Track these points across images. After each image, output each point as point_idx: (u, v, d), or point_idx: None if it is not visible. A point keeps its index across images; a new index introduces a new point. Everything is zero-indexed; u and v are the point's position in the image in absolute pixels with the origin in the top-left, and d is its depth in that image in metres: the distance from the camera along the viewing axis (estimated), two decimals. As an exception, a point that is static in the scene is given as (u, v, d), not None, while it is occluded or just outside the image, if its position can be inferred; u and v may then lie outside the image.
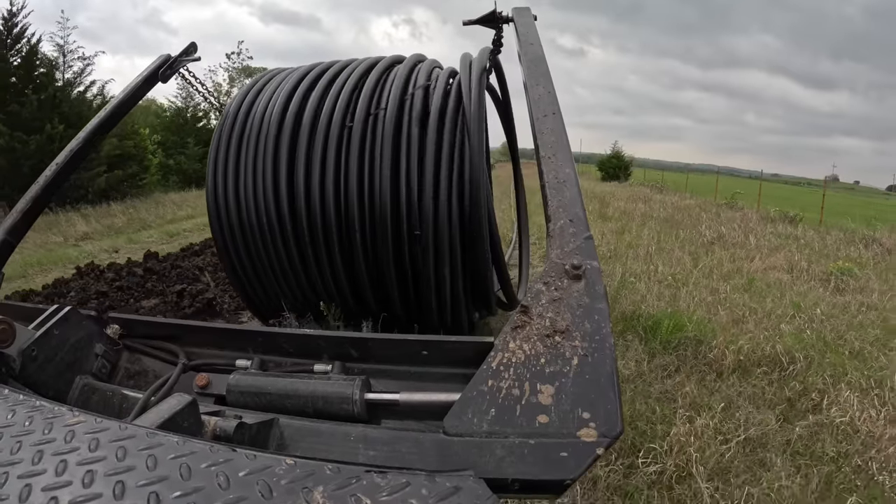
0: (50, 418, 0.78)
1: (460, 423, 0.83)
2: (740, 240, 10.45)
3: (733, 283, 6.84)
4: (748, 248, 9.55)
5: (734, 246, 9.79)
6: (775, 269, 8.01)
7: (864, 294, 6.69)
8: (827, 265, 8.22)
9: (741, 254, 8.99)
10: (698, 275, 7.00)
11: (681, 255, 8.38)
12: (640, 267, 7.38)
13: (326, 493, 0.61)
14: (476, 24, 2.83)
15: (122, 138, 17.38)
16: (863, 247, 10.47)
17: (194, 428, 0.91)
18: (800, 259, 8.61)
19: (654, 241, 9.52)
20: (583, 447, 0.77)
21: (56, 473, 0.64)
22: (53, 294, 6.09)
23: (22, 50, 14.75)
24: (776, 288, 6.80)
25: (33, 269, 7.98)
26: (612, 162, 38.84)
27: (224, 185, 3.21)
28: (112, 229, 11.90)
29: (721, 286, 6.51)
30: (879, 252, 10.03)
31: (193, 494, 0.60)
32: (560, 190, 1.30)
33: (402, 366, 1.31)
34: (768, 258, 8.66)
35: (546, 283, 1.03)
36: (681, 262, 7.87)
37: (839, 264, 8.18)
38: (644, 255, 8.27)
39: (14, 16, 14.73)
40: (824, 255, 9.41)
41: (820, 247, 10.38)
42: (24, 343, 1.28)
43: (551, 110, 1.60)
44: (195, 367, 1.47)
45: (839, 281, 7.28)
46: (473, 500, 0.65)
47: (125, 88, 2.68)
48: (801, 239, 11.22)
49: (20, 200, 2.12)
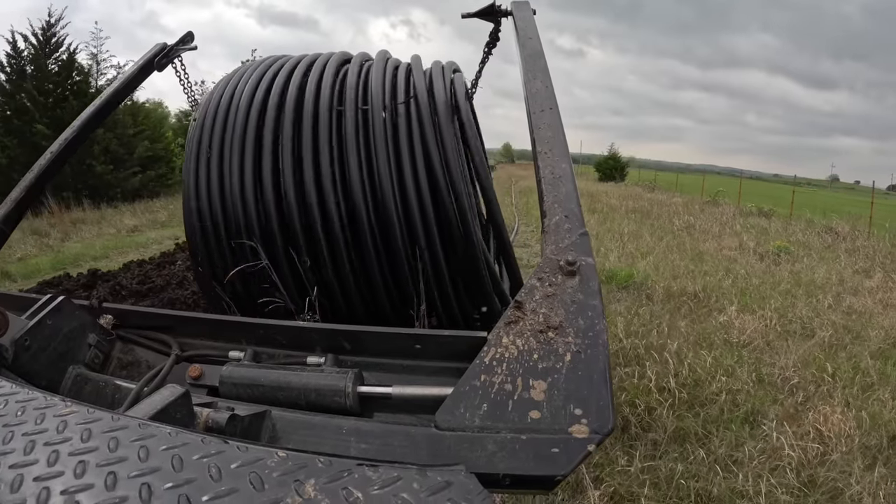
0: (42, 408, 0.78)
1: (452, 418, 0.83)
2: (708, 228, 12.67)
3: (685, 256, 8.97)
4: (712, 234, 11.80)
5: (700, 233, 12.06)
6: (728, 248, 10.12)
7: (794, 265, 8.82)
8: (769, 245, 10.45)
9: (703, 238, 11.22)
10: (658, 251, 9.14)
11: (650, 238, 10.64)
12: (614, 245, 9.54)
13: (318, 486, 0.62)
14: (474, 16, 2.81)
15: (154, 141, 18.62)
16: (816, 234, 12.70)
17: (187, 419, 0.91)
18: (748, 240, 10.86)
19: (628, 228, 11.84)
20: (574, 443, 0.77)
21: (48, 463, 0.64)
22: (164, 262, 7.47)
23: (60, 58, 15.90)
24: (719, 260, 8.93)
25: (113, 252, 9.51)
26: (609, 163, 41.02)
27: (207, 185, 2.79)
28: (157, 223, 13.22)
29: (673, 257, 8.71)
30: (831, 238, 12.19)
31: (185, 486, 0.61)
32: (556, 186, 1.30)
33: (395, 359, 1.31)
34: (724, 241, 10.83)
35: (540, 278, 1.04)
36: (648, 243, 10.12)
37: (779, 243, 10.43)
38: (618, 237, 10.52)
39: (52, 26, 15.86)
40: (776, 239, 11.33)
41: (776, 233, 12.52)
42: (17, 332, 1.27)
43: (548, 105, 1.59)
44: (188, 358, 1.47)
45: (776, 256, 9.48)
46: (464, 494, 0.65)
47: (121, 77, 2.66)
48: (768, 228, 13.48)
49: (14, 189, 2.10)
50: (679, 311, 5.81)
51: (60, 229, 11.38)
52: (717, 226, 13.13)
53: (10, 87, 15.23)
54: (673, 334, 4.93)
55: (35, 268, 8.11)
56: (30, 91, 15.03)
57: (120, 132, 16.85)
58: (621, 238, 10.39)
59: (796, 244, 10.92)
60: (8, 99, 15.15)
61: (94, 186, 15.29)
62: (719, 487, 2.83)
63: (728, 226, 13.29)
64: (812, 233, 12.84)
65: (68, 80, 15.96)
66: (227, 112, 2.76)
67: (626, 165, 42.35)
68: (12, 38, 15.22)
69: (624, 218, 13.77)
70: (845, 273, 8.32)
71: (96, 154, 15.58)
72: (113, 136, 16.36)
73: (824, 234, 12.79)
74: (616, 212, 15.38)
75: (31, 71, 15.44)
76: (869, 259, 9.62)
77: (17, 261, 8.57)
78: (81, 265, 8.09)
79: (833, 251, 10.40)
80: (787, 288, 7.07)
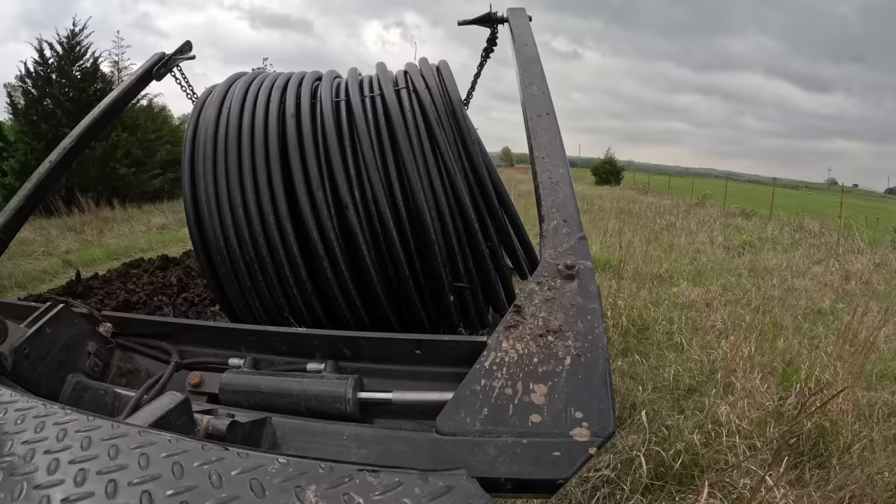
0: (42, 416, 0.78)
1: (453, 423, 0.83)
2: (686, 227, 13.75)
3: (659, 248, 10.01)
4: (688, 231, 12.96)
5: (679, 230, 13.11)
6: (700, 242, 11.27)
7: (755, 255, 9.96)
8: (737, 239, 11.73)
9: (680, 234, 12.39)
10: (636, 243, 9.88)
11: (630, 234, 11.37)
12: (597, 239, 10.42)
13: (319, 492, 0.62)
14: (471, 24, 2.83)
15: (175, 144, 19.12)
16: (788, 231, 13.81)
17: (187, 426, 0.90)
18: (717, 235, 12.17)
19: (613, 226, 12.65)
20: (575, 447, 0.77)
21: (48, 472, 0.64)
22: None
23: (84, 66, 16.55)
24: (688, 251, 10.05)
25: (157, 245, 9.88)
26: (606, 167, 42.92)
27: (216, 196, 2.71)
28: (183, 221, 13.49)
29: (647, 248, 9.53)
30: (800, 235, 13.40)
31: (186, 493, 0.60)
32: (554, 190, 1.30)
33: (395, 365, 1.31)
34: (698, 237, 12.00)
35: (539, 282, 1.04)
36: (628, 237, 10.73)
37: (744, 238, 11.75)
38: (603, 233, 11.35)
39: (76, 35, 16.47)
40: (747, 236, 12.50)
41: (750, 231, 13.43)
42: (16, 341, 1.27)
43: (545, 110, 1.60)
44: (188, 366, 1.46)
45: (741, 249, 10.67)
46: (466, 499, 0.65)
47: (119, 87, 2.66)
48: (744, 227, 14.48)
49: (13, 198, 2.10)
50: (644, 286, 6.79)
51: (94, 227, 11.92)
52: (696, 224, 14.33)
53: (37, 93, 15.85)
54: (633, 300, 5.99)
55: (90, 258, 8.76)
56: (56, 97, 15.61)
57: (141, 136, 17.65)
58: (605, 234, 11.41)
59: (766, 240, 12.05)
60: (35, 104, 15.76)
61: (117, 188, 15.88)
62: (648, 375, 4.15)
63: (706, 224, 14.40)
64: (785, 230, 13.90)
65: (92, 87, 16.49)
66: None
67: (621, 169, 44.23)
68: (39, 47, 15.85)
69: (612, 218, 14.77)
70: (799, 261, 9.38)
71: (119, 157, 16.28)
72: (135, 139, 17.14)
73: (795, 231, 13.95)
74: (606, 213, 16.45)
75: (56, 78, 16.08)
76: (827, 251, 10.73)
77: (64, 253, 9.12)
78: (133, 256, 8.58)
79: (797, 245, 11.62)
80: (740, 271, 8.37)
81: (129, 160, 16.71)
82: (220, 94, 2.32)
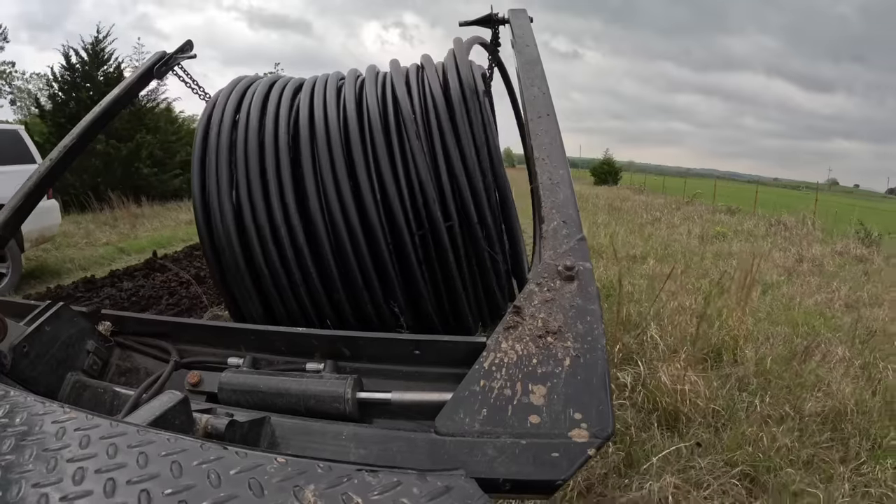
0: (41, 415, 0.78)
1: (452, 423, 0.83)
2: (670, 221, 14.74)
3: (640, 237, 11.03)
4: (671, 225, 13.91)
5: (662, 224, 14.12)
6: (678, 234, 12.18)
7: (725, 245, 10.76)
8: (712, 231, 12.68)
9: (662, 227, 13.40)
10: (620, 233, 11.11)
11: (615, 226, 12.48)
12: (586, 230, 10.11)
13: (317, 492, 0.62)
14: (473, 24, 2.83)
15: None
16: (765, 225, 14.63)
17: (185, 425, 0.90)
18: (693, 227, 13.07)
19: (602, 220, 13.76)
20: (574, 447, 0.77)
21: (46, 470, 0.64)
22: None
23: (108, 70, 17.37)
24: (665, 240, 10.93)
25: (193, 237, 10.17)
26: (604, 167, 43.70)
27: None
28: None
29: (629, 237, 10.73)
30: (776, 227, 14.19)
31: (184, 492, 0.60)
32: (554, 191, 1.30)
33: (394, 365, 1.31)
34: (678, 229, 12.90)
35: (539, 283, 1.04)
36: (613, 229, 11.86)
37: (718, 229, 12.68)
38: (592, 226, 12.21)
39: (100, 42, 17.32)
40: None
41: (730, 225, 14.29)
42: (15, 339, 1.27)
43: (545, 112, 1.60)
44: (187, 365, 1.46)
45: (713, 239, 11.50)
46: (464, 499, 0.65)
47: (120, 86, 2.66)
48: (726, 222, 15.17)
49: (13, 197, 2.10)
50: (618, 264, 7.37)
51: (126, 221, 12.52)
52: (680, 219, 15.28)
53: (63, 97, 16.90)
54: (606, 272, 6.89)
55: (138, 246, 9.66)
56: (82, 100, 16.24)
57: (162, 138, 18.37)
58: (594, 226, 12.42)
59: (742, 232, 12.94)
60: (63, 107, 16.66)
61: (140, 186, 16.47)
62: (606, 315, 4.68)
63: (689, 220, 15.29)
64: (761, 224, 14.86)
65: (115, 89, 17.17)
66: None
67: (619, 170, 45.07)
68: (66, 52, 16.89)
69: (602, 213, 15.91)
70: (762, 248, 10.16)
71: (143, 157, 17.00)
72: (156, 141, 17.83)
73: (771, 225, 14.72)
74: (598, 209, 17.50)
75: (81, 82, 16.94)
76: (794, 242, 11.53)
77: (105, 244, 9.76)
78: (178, 245, 10.01)
79: (767, 236, 12.50)
80: (705, 255, 9.37)
81: (151, 160, 17.39)
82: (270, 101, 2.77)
